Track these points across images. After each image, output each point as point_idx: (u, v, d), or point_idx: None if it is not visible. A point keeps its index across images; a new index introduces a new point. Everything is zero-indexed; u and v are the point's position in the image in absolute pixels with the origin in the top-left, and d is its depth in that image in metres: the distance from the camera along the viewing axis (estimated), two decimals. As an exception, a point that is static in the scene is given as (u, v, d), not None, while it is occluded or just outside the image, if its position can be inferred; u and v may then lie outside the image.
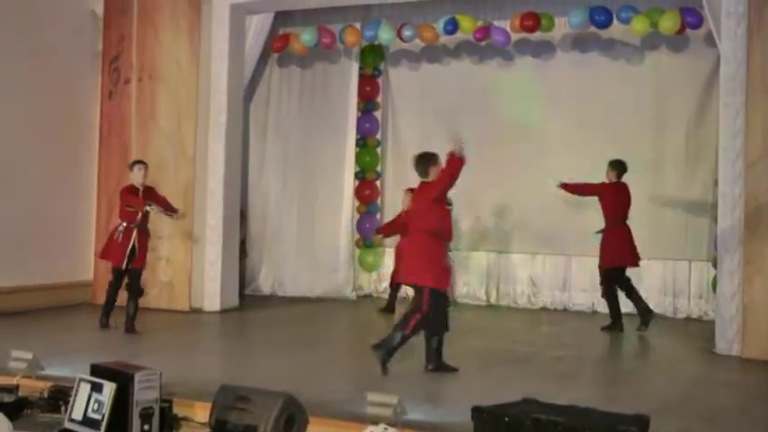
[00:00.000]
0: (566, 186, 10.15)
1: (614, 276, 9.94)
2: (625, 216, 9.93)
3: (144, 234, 9.66)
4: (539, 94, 11.97)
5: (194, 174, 11.49)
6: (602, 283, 10.12)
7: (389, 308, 11.18)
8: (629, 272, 9.98)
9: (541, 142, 11.88)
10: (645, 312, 9.94)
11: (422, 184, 7.63)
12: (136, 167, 9.77)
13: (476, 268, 12.45)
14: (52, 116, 11.34)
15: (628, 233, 9.89)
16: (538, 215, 11.86)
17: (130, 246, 9.48)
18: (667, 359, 8.79)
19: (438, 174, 7.39)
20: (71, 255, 11.74)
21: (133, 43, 11.84)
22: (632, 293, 9.95)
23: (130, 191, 9.64)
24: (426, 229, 7.44)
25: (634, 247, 9.88)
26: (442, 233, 7.53)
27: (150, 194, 9.73)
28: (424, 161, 7.59)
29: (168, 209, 9.84)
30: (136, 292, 9.67)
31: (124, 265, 9.49)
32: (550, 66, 12.09)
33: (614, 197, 9.94)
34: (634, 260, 9.89)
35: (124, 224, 9.53)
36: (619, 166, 10.02)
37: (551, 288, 12.05)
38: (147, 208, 9.52)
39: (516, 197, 12.01)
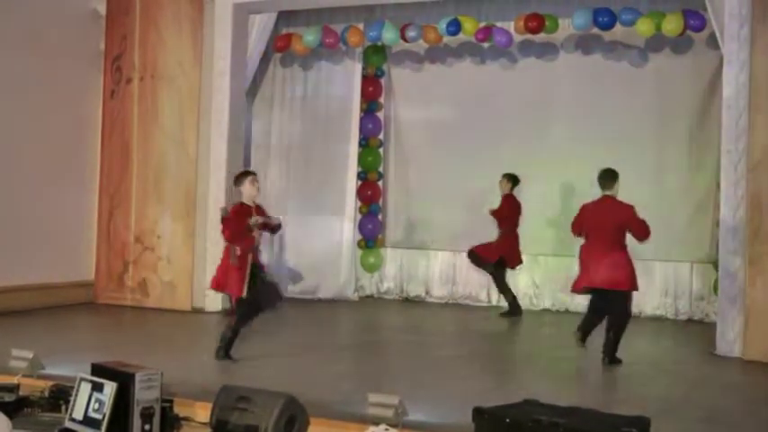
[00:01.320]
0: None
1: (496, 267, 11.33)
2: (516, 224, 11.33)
3: (257, 257, 8.34)
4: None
5: (196, 174, 11.49)
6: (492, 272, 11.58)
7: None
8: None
9: (545, 144, 11.89)
10: (513, 306, 11.37)
11: (605, 197, 8.23)
12: (248, 180, 8.11)
13: (477, 269, 12.42)
14: (54, 115, 11.33)
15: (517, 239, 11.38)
16: (541, 217, 11.87)
17: (248, 273, 8.12)
18: (668, 361, 8.80)
19: (637, 223, 8.06)
20: (73, 254, 11.74)
21: (135, 42, 11.84)
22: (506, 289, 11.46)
23: (245, 212, 8.06)
24: (624, 242, 8.14)
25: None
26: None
27: (261, 213, 8.23)
28: (612, 176, 8.27)
29: (272, 228, 8.44)
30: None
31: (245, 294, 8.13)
32: (553, 67, 12.09)
33: (511, 208, 11.27)
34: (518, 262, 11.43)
35: (238, 250, 8.02)
36: (513, 179, 11.28)
37: (553, 289, 12.04)
38: (252, 223, 8.00)
39: (519, 199, 11.99)
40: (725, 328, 8.73)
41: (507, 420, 4.80)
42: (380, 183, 13.25)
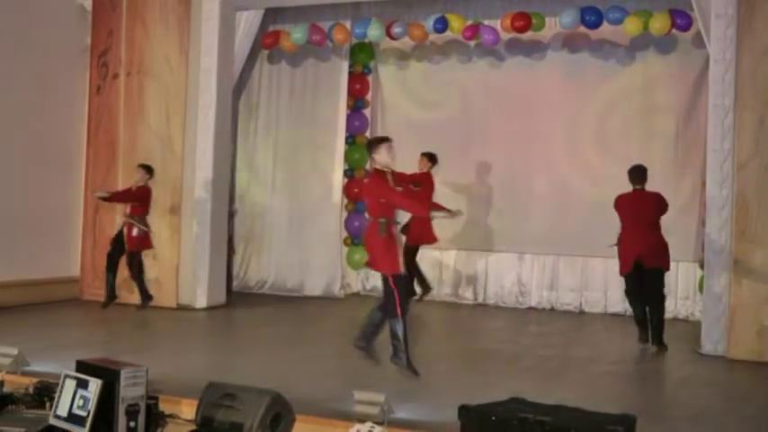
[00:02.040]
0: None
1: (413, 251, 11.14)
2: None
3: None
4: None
5: (182, 170, 11.47)
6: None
7: None
8: None
9: (530, 142, 11.91)
10: (424, 286, 11.58)
11: (639, 189, 9.02)
12: (384, 147, 7.43)
13: (464, 267, 12.46)
14: (40, 110, 11.30)
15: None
16: (526, 215, 11.89)
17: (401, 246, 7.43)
18: (654, 359, 8.82)
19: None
20: (58, 250, 11.71)
21: (122, 38, 11.81)
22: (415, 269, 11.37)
23: (383, 178, 7.40)
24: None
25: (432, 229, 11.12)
26: None
27: (398, 179, 7.65)
28: (645, 172, 9.09)
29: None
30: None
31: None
32: (540, 66, 12.09)
33: (431, 186, 11.19)
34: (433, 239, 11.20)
35: (382, 220, 7.25)
36: (432, 158, 11.34)
37: (539, 288, 12.06)
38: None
39: (504, 196, 12.03)
40: (710, 326, 8.76)
41: (493, 418, 4.79)
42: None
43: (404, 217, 9.01)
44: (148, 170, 10.77)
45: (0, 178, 10.57)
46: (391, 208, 7.29)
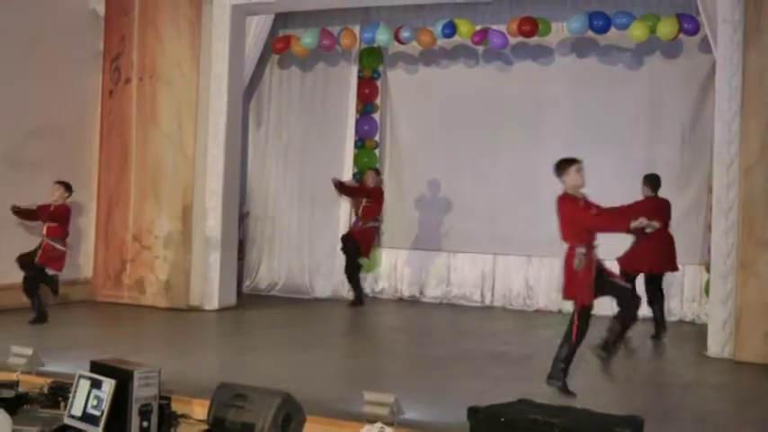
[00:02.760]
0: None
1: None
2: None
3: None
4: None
5: (194, 174, 11.50)
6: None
7: None
8: None
9: (538, 146, 11.89)
10: (358, 296, 11.91)
11: (650, 198, 9.64)
12: (573, 168, 6.98)
13: (471, 270, 12.47)
14: (53, 114, 11.35)
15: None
16: (534, 218, 11.86)
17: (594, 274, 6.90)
18: (660, 362, 8.83)
19: None
20: (71, 252, 11.67)
21: (134, 43, 11.85)
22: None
23: (574, 201, 6.98)
24: None
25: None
26: None
27: (588, 204, 7.12)
28: (659, 181, 9.72)
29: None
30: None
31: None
32: (548, 70, 12.09)
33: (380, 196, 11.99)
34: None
35: (582, 249, 6.87)
36: (378, 172, 12.19)
37: (546, 290, 12.05)
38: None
39: (513, 200, 12.01)
40: (716, 329, 8.75)
41: (502, 419, 4.81)
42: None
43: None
44: (68, 188, 10.03)
45: (13, 180, 10.57)
46: (588, 233, 6.93)
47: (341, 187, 11.78)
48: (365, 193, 11.78)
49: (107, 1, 12.01)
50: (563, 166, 7.03)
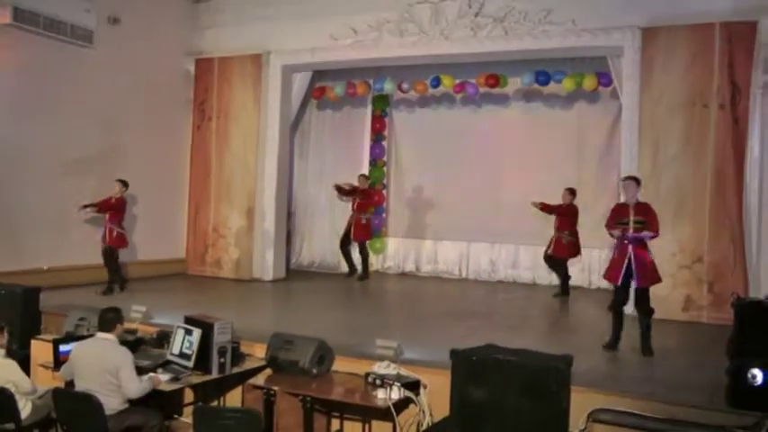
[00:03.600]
0: None
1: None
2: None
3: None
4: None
5: (255, 184, 11.49)
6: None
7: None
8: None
9: (499, 165, 11.86)
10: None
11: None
12: (630, 184, 6.54)
13: (452, 252, 12.44)
14: (158, 144, 11.42)
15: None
16: (496, 216, 11.85)
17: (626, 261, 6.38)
18: (593, 317, 8.69)
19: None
20: (171, 239, 11.83)
21: (214, 92, 11.84)
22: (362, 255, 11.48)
23: (620, 210, 6.59)
24: None
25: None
26: None
27: (640, 212, 6.53)
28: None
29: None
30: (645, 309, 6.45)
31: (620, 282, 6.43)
32: (506, 111, 12.03)
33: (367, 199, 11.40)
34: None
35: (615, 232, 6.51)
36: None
37: (505, 267, 12.02)
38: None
39: (481, 204, 11.96)
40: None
41: (474, 358, 4.81)
42: (385, 191, 13.23)
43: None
44: (125, 184, 9.46)
45: (138, 190, 10.51)
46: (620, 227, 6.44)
47: (340, 190, 11.56)
48: (357, 193, 11.48)
49: (196, 63, 12.01)
50: (627, 180, 6.75)
